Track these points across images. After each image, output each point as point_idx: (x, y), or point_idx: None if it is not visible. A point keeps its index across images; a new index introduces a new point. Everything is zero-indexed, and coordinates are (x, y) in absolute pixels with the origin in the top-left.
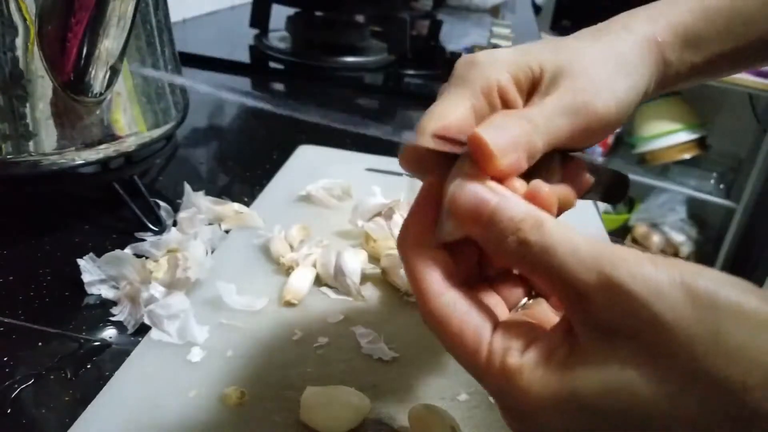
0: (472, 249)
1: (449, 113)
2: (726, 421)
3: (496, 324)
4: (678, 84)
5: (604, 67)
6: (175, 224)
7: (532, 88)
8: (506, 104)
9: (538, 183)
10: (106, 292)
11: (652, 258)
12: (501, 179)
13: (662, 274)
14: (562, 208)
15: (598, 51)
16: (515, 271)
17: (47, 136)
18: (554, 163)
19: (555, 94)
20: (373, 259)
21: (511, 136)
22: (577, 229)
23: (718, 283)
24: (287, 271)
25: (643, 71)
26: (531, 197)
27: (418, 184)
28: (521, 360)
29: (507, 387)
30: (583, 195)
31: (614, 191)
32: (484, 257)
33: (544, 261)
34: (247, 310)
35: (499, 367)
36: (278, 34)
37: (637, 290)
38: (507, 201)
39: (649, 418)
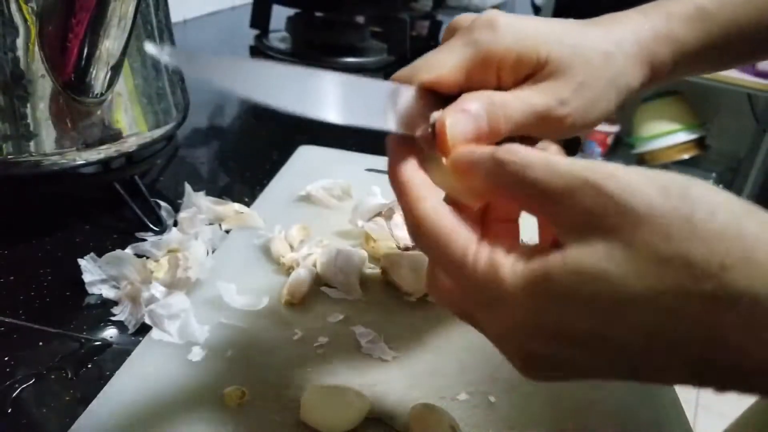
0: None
1: (443, 65)
2: (703, 300)
3: (481, 236)
4: (663, 83)
5: (598, 86)
6: (175, 224)
7: (531, 73)
8: (500, 77)
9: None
10: (107, 292)
11: (625, 166)
12: None
13: (635, 174)
14: None
15: (601, 59)
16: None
17: (48, 136)
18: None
19: (541, 95)
20: (373, 259)
21: (475, 125)
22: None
23: (688, 180)
24: (287, 270)
25: (624, 89)
26: None
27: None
28: (507, 256)
29: (489, 279)
30: None
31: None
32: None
33: (519, 175)
34: (248, 309)
35: (485, 262)
36: (278, 35)
37: (611, 188)
38: (500, 150)
39: (621, 302)
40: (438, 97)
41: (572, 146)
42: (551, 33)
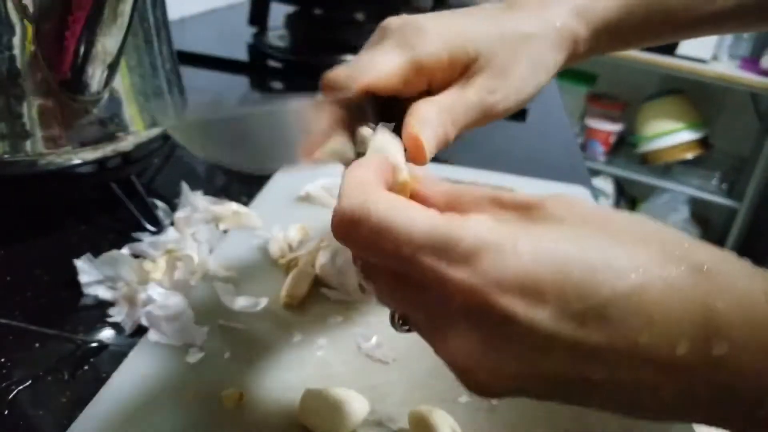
0: None
1: (381, 69)
2: (675, 264)
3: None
4: (618, 47)
5: (520, 70)
6: (172, 224)
7: (464, 70)
8: (433, 79)
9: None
10: (103, 293)
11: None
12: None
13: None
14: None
15: (521, 42)
16: None
17: (44, 135)
18: None
19: (474, 90)
20: None
21: (435, 135)
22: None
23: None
24: (286, 271)
25: (551, 68)
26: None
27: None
28: (481, 215)
29: (460, 232)
30: None
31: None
32: None
33: (493, 196)
34: (246, 311)
35: (459, 218)
36: (277, 33)
37: (579, 200)
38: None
39: (609, 263)
40: (342, 107)
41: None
42: (477, 28)
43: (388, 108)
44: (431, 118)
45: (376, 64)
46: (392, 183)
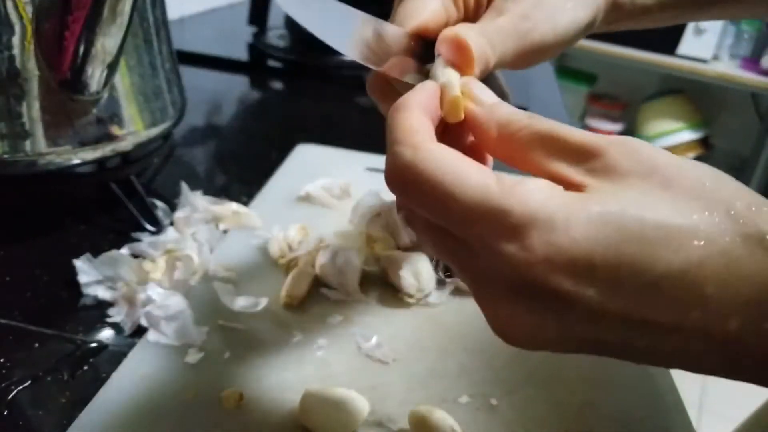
0: None
1: (423, 9)
2: (737, 237)
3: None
4: (628, 24)
5: None
6: (172, 224)
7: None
8: (467, 9)
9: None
10: (103, 293)
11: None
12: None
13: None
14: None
15: None
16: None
17: (43, 135)
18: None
19: (507, 16)
20: (373, 259)
21: (477, 49)
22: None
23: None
24: (286, 271)
25: (591, 6)
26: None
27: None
28: (536, 182)
29: (518, 201)
30: None
31: None
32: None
33: (548, 132)
34: (246, 311)
35: (510, 186)
36: (277, 32)
37: (646, 147)
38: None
39: (670, 234)
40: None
41: None
42: None
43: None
44: (470, 34)
45: (417, 8)
46: (443, 102)
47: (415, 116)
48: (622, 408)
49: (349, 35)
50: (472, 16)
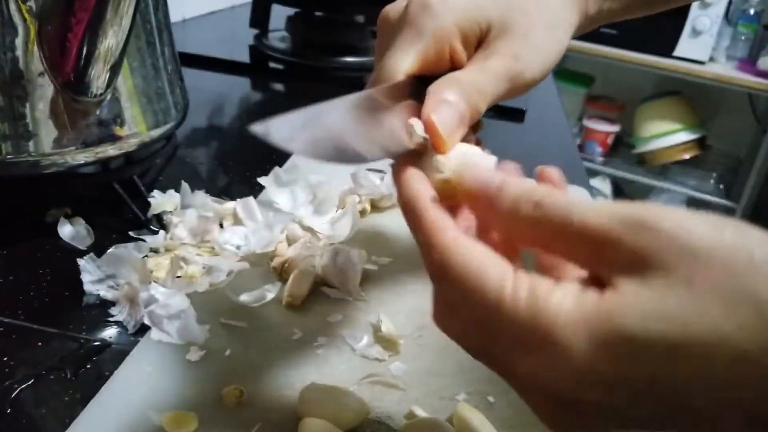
0: None
1: (399, 71)
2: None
3: (516, 268)
4: (597, 26)
5: (540, 31)
6: (174, 224)
7: (478, 44)
8: (453, 56)
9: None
10: (106, 292)
11: (666, 207)
12: None
13: (681, 212)
14: None
15: (535, 6)
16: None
17: (47, 136)
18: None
19: (496, 58)
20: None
21: (459, 113)
22: None
23: (736, 222)
24: (288, 271)
25: (568, 28)
26: (541, 178)
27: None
28: (551, 296)
29: (537, 322)
30: None
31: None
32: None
33: (563, 218)
34: (247, 309)
35: (527, 298)
36: (278, 35)
37: (665, 225)
38: (511, 178)
39: (693, 351)
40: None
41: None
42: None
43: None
44: (450, 97)
45: (392, 68)
46: (434, 183)
47: (427, 213)
48: None
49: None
50: (458, 60)
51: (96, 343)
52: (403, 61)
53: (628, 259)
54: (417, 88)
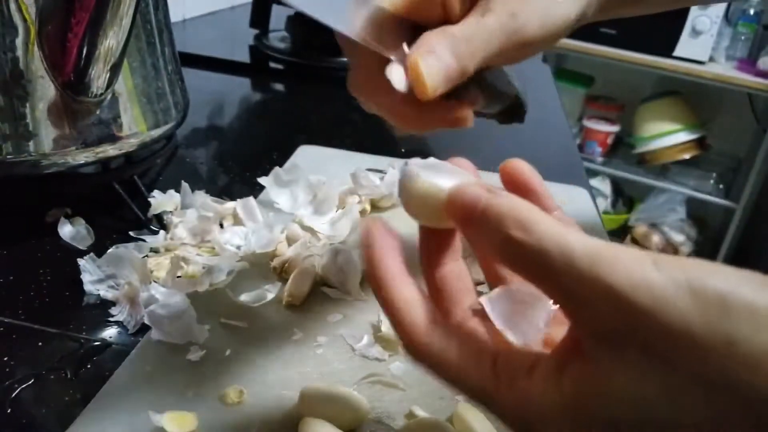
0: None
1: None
2: (750, 426)
3: (496, 352)
4: (619, 12)
5: None
6: (174, 224)
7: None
8: (446, 3)
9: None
10: (106, 292)
11: (655, 259)
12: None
13: (666, 278)
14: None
15: None
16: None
17: (47, 136)
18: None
19: (494, 14)
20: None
21: (446, 68)
22: (574, 223)
23: (727, 283)
24: (287, 271)
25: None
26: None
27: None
28: (531, 380)
29: (522, 411)
30: (478, 114)
31: (511, 114)
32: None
33: (538, 265)
34: (247, 309)
35: (511, 394)
36: (278, 35)
37: (640, 301)
38: (496, 198)
39: (662, 428)
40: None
41: (516, 114)
42: None
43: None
44: (439, 49)
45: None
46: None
47: (408, 313)
48: None
49: (343, 11)
50: (451, 8)
51: (96, 343)
52: None
53: (601, 329)
54: (407, 34)
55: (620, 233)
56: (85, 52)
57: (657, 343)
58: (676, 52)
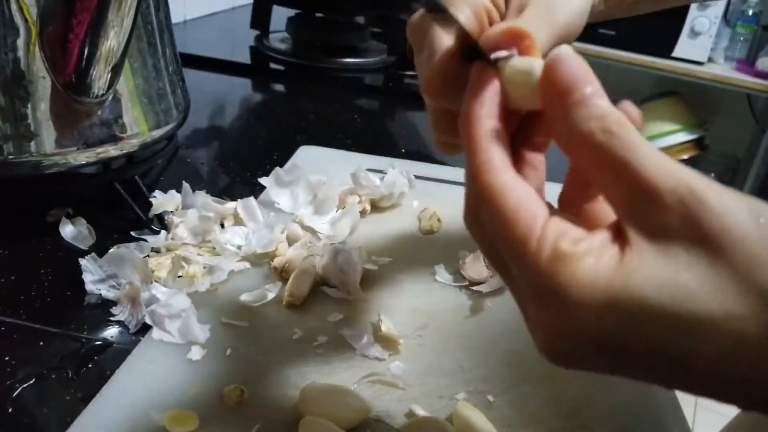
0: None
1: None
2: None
3: (553, 212)
4: (616, 13)
5: None
6: (175, 224)
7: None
8: (490, 18)
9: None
10: (107, 292)
11: (711, 181)
12: None
13: (734, 195)
14: None
15: None
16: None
17: (48, 136)
18: None
19: (529, 9)
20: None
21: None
22: None
23: None
24: (288, 270)
25: None
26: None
27: None
28: (574, 248)
29: (553, 272)
30: None
31: None
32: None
33: (624, 156)
34: (248, 309)
35: (550, 250)
36: (279, 35)
37: (711, 200)
38: (602, 92)
39: (699, 325)
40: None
41: None
42: None
43: None
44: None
45: (442, 45)
46: (519, 90)
47: (488, 146)
48: (618, 404)
49: None
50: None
51: (97, 343)
52: (448, 39)
53: (660, 226)
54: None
55: None
56: (86, 52)
57: (712, 243)
58: (675, 53)
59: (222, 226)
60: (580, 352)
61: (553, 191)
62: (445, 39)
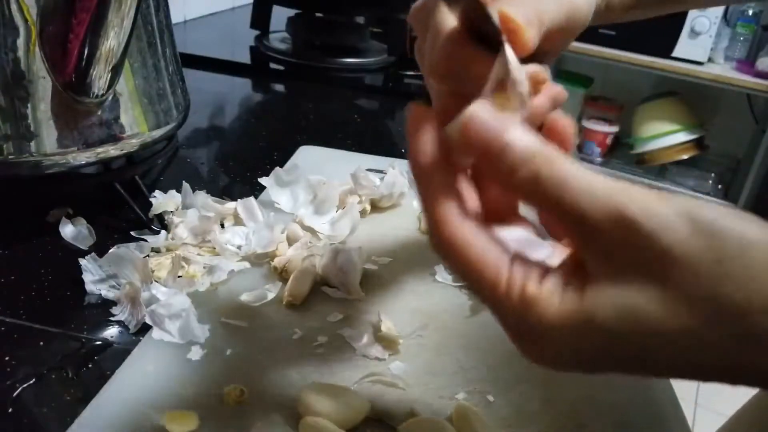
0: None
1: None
2: (731, 338)
3: (512, 257)
4: (617, 18)
5: None
6: (175, 224)
7: None
8: None
9: (554, 115)
10: (107, 292)
11: (659, 194)
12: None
13: (670, 208)
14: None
15: None
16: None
17: (49, 136)
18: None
19: None
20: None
21: (526, 14)
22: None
23: (721, 214)
24: (288, 270)
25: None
26: (550, 129)
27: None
28: (540, 288)
29: (526, 314)
30: None
31: None
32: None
33: (556, 195)
34: (248, 308)
35: (518, 295)
36: (279, 35)
37: (648, 226)
38: (521, 135)
39: (659, 337)
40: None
41: None
42: None
43: None
44: (510, 8)
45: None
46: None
47: (442, 199)
48: (618, 404)
49: None
50: None
51: (97, 343)
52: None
53: (608, 253)
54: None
55: None
56: (86, 52)
57: (657, 265)
58: (675, 53)
59: (222, 226)
60: (561, 367)
61: None
62: (451, 19)
